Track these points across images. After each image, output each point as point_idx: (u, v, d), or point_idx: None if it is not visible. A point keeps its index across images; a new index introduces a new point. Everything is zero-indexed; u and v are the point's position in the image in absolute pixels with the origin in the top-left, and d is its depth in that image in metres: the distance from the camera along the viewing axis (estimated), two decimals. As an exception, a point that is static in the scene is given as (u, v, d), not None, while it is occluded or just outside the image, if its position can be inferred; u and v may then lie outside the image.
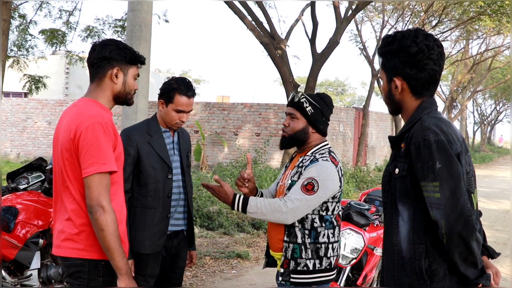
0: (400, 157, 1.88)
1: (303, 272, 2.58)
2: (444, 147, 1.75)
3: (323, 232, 2.58)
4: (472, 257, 1.76)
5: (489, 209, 11.28)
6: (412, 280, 1.82)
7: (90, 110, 2.22)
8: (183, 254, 3.14)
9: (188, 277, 5.36)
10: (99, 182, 2.13)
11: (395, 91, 1.93)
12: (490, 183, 17.07)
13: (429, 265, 1.80)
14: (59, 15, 12.27)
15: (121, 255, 2.15)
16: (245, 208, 2.54)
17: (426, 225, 1.80)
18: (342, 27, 11.86)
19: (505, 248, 7.46)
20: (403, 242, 1.85)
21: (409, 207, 1.85)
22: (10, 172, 4.20)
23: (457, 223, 1.71)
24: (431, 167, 1.74)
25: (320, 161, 2.56)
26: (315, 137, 2.68)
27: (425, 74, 1.88)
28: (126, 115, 5.86)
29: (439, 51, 1.89)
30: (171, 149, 3.02)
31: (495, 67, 27.76)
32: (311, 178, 2.50)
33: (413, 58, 1.86)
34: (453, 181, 1.73)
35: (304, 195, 2.48)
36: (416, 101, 1.92)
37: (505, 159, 34.86)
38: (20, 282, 3.61)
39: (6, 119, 18.09)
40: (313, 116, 2.63)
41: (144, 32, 5.91)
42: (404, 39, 1.87)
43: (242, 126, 15.54)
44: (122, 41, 2.41)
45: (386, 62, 1.94)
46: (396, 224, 1.88)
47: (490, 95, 38.52)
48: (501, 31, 17.50)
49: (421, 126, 1.81)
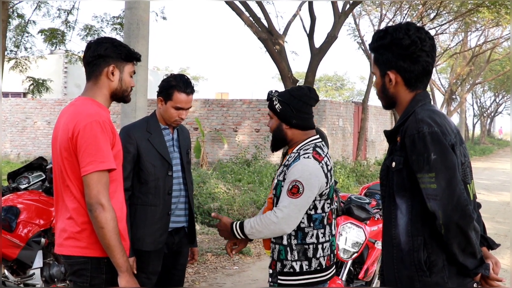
0: (396, 151, 1.89)
1: (290, 274, 2.52)
2: (438, 139, 1.76)
3: (311, 233, 2.51)
4: (470, 247, 1.77)
5: (490, 201, 11.29)
6: (411, 272, 1.82)
7: (88, 109, 2.22)
8: (185, 251, 3.15)
9: (190, 274, 5.38)
10: (98, 180, 2.13)
11: (389, 84, 1.94)
12: (490, 175, 17.08)
13: (428, 256, 1.80)
14: (58, 14, 12.24)
15: (121, 252, 2.16)
16: (244, 233, 2.53)
17: (424, 217, 1.81)
18: (340, 21, 11.84)
19: (506, 240, 7.48)
20: (402, 234, 1.85)
21: (406, 200, 1.86)
22: (10, 172, 4.20)
23: (454, 213, 1.72)
24: (426, 159, 1.75)
25: (301, 159, 2.49)
26: (294, 132, 2.61)
27: (418, 66, 1.89)
28: (125, 113, 5.86)
29: (431, 43, 1.90)
30: (171, 146, 3.03)
31: (494, 59, 27.71)
32: (294, 181, 2.44)
33: (406, 51, 1.87)
34: (449, 172, 1.74)
35: (291, 200, 2.43)
36: (410, 93, 1.93)
37: (505, 151, 34.87)
38: (22, 281, 3.62)
39: (5, 120, 18.08)
40: (282, 112, 2.58)
41: (142, 30, 5.91)
42: (396, 32, 1.89)
43: (241, 123, 15.55)
44: (117, 39, 2.41)
45: (379, 57, 1.95)
46: (395, 218, 1.89)
47: (489, 87, 38.48)
48: (500, 23, 17.45)
49: (415, 118, 1.82)
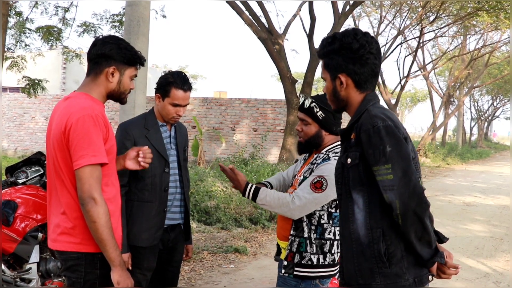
0: (351, 147, 1.96)
1: (307, 266, 2.64)
2: (392, 131, 1.85)
3: (329, 229, 2.63)
4: (426, 235, 1.85)
5: (486, 204, 11.33)
6: (371, 265, 1.88)
7: (81, 103, 2.22)
8: (180, 247, 3.16)
9: (186, 272, 5.39)
10: (90, 174, 2.13)
11: (340, 87, 2.03)
12: (487, 179, 17.13)
13: (387, 248, 1.87)
14: (55, 11, 12.22)
15: (114, 247, 2.17)
16: (255, 198, 2.65)
17: (381, 210, 1.87)
18: (340, 22, 11.87)
19: (502, 243, 7.51)
20: (360, 228, 1.91)
21: (363, 194, 1.92)
22: (9, 166, 4.21)
23: (411, 200, 1.79)
24: (382, 151, 1.82)
25: (332, 160, 2.60)
26: (330, 138, 2.73)
27: (367, 68, 1.99)
28: (124, 110, 5.87)
29: (377, 47, 2.01)
30: (168, 143, 3.03)
31: (492, 63, 27.77)
32: (320, 176, 2.56)
33: (355, 54, 1.97)
34: (404, 162, 1.82)
35: (312, 193, 2.55)
36: (360, 95, 2.03)
37: (502, 155, 34.98)
38: (19, 276, 3.62)
39: (3, 114, 18.05)
40: (324, 120, 2.67)
41: (142, 27, 5.91)
42: (345, 37, 1.99)
43: (239, 122, 15.56)
44: (124, 40, 2.40)
45: (329, 62, 2.04)
46: (352, 213, 1.95)
47: (487, 91, 38.55)
48: (499, 27, 17.49)
49: (369, 115, 1.91)
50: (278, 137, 15.13)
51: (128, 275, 2.23)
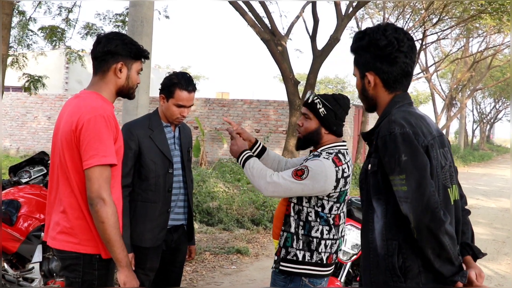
0: (372, 153, 1.87)
1: (292, 261, 2.62)
2: (409, 139, 1.73)
3: (316, 227, 2.61)
4: (445, 253, 1.71)
5: (488, 207, 11.31)
6: (386, 277, 1.78)
7: (92, 102, 2.22)
8: (183, 248, 3.16)
9: (188, 272, 5.39)
10: (99, 174, 2.13)
11: (368, 86, 1.93)
12: (489, 182, 17.10)
13: (403, 261, 1.76)
14: (59, 12, 12.23)
15: (122, 247, 2.17)
16: (245, 164, 2.66)
17: (398, 221, 1.76)
18: (343, 24, 11.85)
19: (504, 246, 7.50)
20: (378, 239, 1.82)
21: (382, 203, 1.82)
22: (12, 166, 4.21)
23: (424, 215, 1.67)
24: (397, 160, 1.71)
25: (321, 158, 2.60)
26: (329, 137, 2.71)
27: (396, 67, 1.86)
28: (127, 110, 5.88)
29: (410, 44, 1.87)
30: (172, 144, 3.04)
31: (495, 65, 27.74)
32: (304, 166, 2.56)
33: (383, 52, 1.85)
34: (418, 173, 1.70)
35: (291, 178, 2.53)
36: (389, 95, 1.91)
37: (504, 157, 34.89)
38: (22, 275, 3.63)
39: (5, 114, 18.08)
40: (326, 117, 2.66)
41: (146, 27, 5.92)
42: (373, 33, 1.87)
43: (241, 123, 15.55)
44: (127, 35, 2.41)
45: (358, 58, 1.95)
46: (372, 221, 1.85)
47: (489, 94, 38.51)
48: (502, 29, 17.47)
49: (388, 120, 1.80)
50: (281, 138, 15.13)
51: (134, 276, 2.23)
